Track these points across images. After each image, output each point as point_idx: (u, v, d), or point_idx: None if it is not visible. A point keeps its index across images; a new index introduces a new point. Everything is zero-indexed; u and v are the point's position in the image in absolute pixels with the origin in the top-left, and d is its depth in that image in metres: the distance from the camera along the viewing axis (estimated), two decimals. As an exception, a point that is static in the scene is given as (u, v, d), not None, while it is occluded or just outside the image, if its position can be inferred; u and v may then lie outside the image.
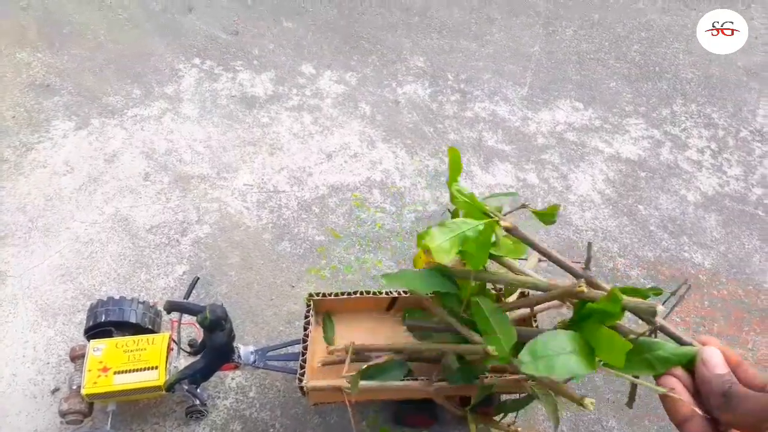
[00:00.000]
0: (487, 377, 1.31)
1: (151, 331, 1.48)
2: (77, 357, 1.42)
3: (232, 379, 1.58)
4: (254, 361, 1.44)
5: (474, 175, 2.15)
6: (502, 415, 1.40)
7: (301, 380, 1.28)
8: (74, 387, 1.37)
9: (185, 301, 1.44)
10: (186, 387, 1.36)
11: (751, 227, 2.10)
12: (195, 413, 1.46)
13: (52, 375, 1.56)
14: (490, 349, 1.28)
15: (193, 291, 1.71)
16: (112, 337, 1.42)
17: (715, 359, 0.81)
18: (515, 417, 1.36)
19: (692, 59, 2.67)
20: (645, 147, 2.32)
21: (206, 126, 2.20)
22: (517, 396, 1.36)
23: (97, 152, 2.09)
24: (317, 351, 1.43)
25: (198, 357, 1.36)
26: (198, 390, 1.44)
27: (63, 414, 1.35)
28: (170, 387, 1.32)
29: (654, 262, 1.95)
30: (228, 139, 2.16)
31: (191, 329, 1.51)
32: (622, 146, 2.31)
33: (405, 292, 1.48)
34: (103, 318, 1.43)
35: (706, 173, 2.26)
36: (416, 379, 1.31)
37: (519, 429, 1.47)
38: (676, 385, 0.82)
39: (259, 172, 2.07)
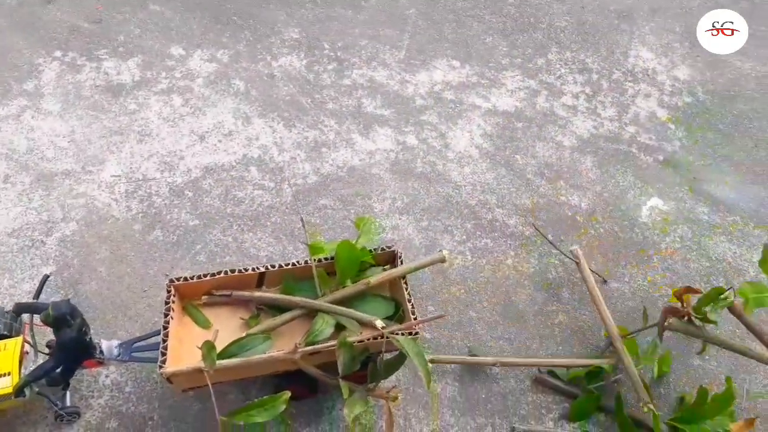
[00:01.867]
0: (351, 340, 1.31)
1: (8, 337, 1.40)
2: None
3: (106, 376, 1.53)
4: (119, 355, 1.39)
5: (354, 143, 2.13)
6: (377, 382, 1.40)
7: (162, 368, 1.25)
8: None
9: (33, 301, 1.37)
10: (37, 389, 1.30)
11: (625, 165, 2.17)
12: (62, 417, 1.40)
13: None
14: (378, 323, 1.29)
15: (60, 291, 1.65)
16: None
17: None
18: (396, 382, 1.36)
19: (566, 7, 2.72)
20: (521, 98, 2.35)
21: (69, 120, 2.09)
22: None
23: (-51, 159, 1.96)
24: (184, 337, 1.39)
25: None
26: (66, 394, 1.38)
27: None
28: (19, 391, 1.26)
29: (531, 209, 1.99)
30: (93, 131, 2.06)
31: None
32: (499, 99, 2.33)
33: (272, 266, 1.45)
34: (-52, 330, 1.34)
35: (582, 117, 2.31)
36: (280, 351, 1.29)
37: (399, 394, 1.47)
38: None
39: (127, 162, 1.98)
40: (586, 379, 1.59)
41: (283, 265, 1.47)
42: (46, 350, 1.37)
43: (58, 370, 1.30)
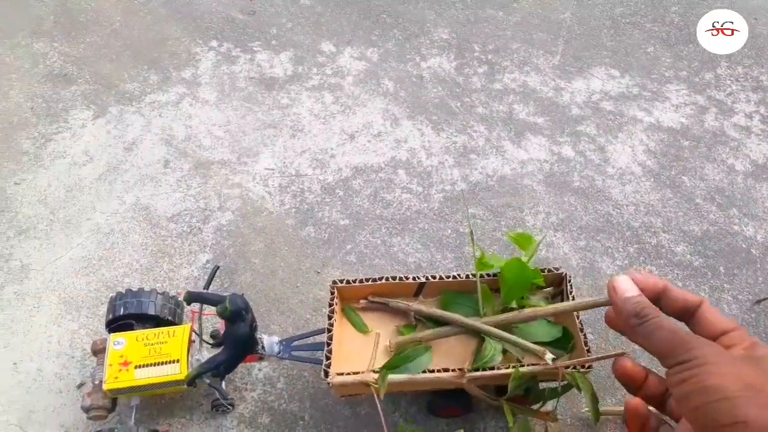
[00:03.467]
0: (523, 365, 1.23)
1: (172, 323, 1.43)
2: (99, 351, 1.38)
3: (259, 370, 1.53)
4: (279, 352, 1.38)
5: (505, 151, 2.04)
6: (540, 403, 1.33)
7: (326, 372, 1.22)
8: (96, 382, 1.33)
9: (205, 291, 1.38)
10: (208, 381, 1.31)
11: (807, 196, 1.95)
12: (220, 407, 1.41)
13: (77, 369, 1.53)
14: (548, 357, 1.22)
15: (216, 280, 1.67)
16: (133, 329, 1.38)
17: (623, 284, 0.79)
18: (556, 404, 1.28)
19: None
20: (688, 114, 2.17)
21: (225, 110, 2.14)
22: (556, 385, 1.28)
23: (116, 141, 2.04)
24: (343, 340, 1.37)
25: (220, 349, 1.31)
26: (222, 383, 1.39)
27: (86, 410, 1.31)
28: (192, 381, 1.27)
29: (701, 237, 1.83)
30: (247, 123, 2.09)
31: (216, 320, 1.46)
32: (663, 114, 2.17)
33: (433, 277, 1.40)
34: (122, 311, 1.38)
35: (756, 140, 2.11)
36: (447, 371, 1.23)
37: (558, 416, 1.39)
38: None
39: (280, 156, 2.00)
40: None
41: (444, 276, 1.41)
42: (211, 341, 1.38)
43: (225, 363, 1.30)
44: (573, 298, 1.34)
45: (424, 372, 1.24)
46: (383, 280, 1.39)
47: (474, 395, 1.31)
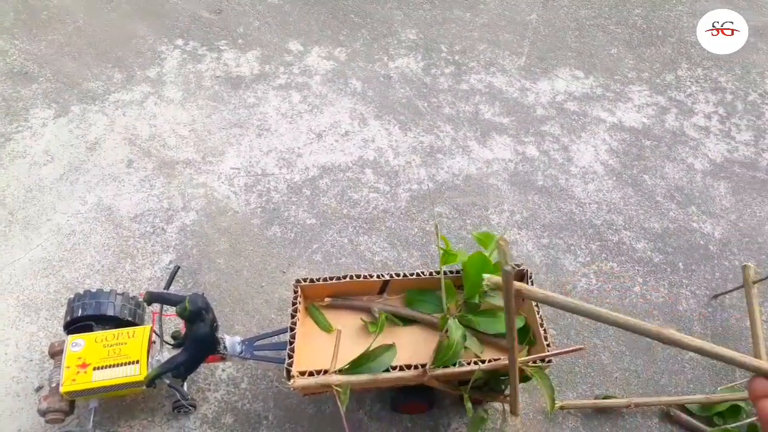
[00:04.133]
0: (483, 362, 1.24)
1: (133, 324, 1.40)
2: (56, 353, 1.36)
3: (223, 370, 1.52)
4: (241, 352, 1.37)
5: (471, 150, 2.06)
6: (500, 390, 1.35)
7: (288, 372, 1.21)
8: (53, 385, 1.31)
9: (165, 291, 1.37)
10: (168, 381, 1.30)
11: (763, 194, 2.00)
12: (182, 408, 1.39)
13: (35, 372, 1.50)
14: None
15: (179, 280, 1.66)
16: (93, 331, 1.35)
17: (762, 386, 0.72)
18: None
19: (697, 21, 2.55)
20: (649, 114, 2.22)
21: (190, 109, 2.12)
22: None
23: (78, 140, 2.01)
24: (306, 338, 1.36)
25: (180, 349, 1.29)
26: (184, 385, 1.38)
27: (43, 413, 1.28)
28: (151, 382, 1.25)
29: (661, 234, 1.87)
30: (213, 122, 2.08)
31: (179, 321, 1.44)
32: (625, 114, 2.21)
33: (397, 275, 1.41)
34: (80, 312, 1.36)
35: (714, 139, 2.16)
36: (409, 368, 1.24)
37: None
38: None
39: (246, 155, 1.98)
40: (723, 417, 1.46)
41: (408, 274, 1.42)
42: (172, 341, 1.36)
43: (185, 364, 1.29)
44: (534, 295, 1.36)
45: (387, 371, 1.25)
46: (347, 279, 1.39)
47: (436, 388, 1.32)
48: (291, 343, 1.26)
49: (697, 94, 2.31)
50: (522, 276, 1.42)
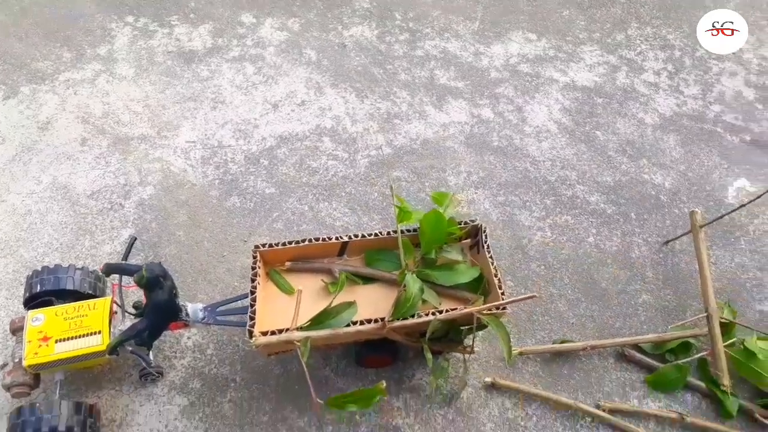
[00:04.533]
0: (441, 312, 1.28)
1: (94, 297, 1.41)
2: (17, 329, 1.35)
3: (188, 338, 1.53)
4: (204, 318, 1.38)
5: (428, 115, 2.08)
6: (459, 341, 1.39)
7: (251, 333, 1.23)
8: (16, 360, 1.30)
9: (123, 262, 1.37)
10: (130, 348, 1.30)
11: (710, 144, 2.07)
12: (148, 376, 1.40)
13: (-2, 351, 1.50)
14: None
15: (140, 254, 1.66)
16: (53, 306, 1.35)
17: None
18: (473, 340, 1.33)
19: (644, -19, 2.61)
20: (601, 73, 2.27)
21: (143, 85, 2.09)
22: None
23: (29, 120, 1.98)
24: (268, 301, 1.38)
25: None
26: (149, 354, 1.39)
27: (7, 388, 1.28)
28: (112, 350, 1.26)
29: (614, 187, 1.92)
30: (167, 97, 2.06)
31: (140, 293, 1.44)
32: (578, 74, 2.25)
33: (355, 236, 1.43)
34: (39, 288, 1.36)
35: (664, 95, 2.22)
36: (369, 322, 1.27)
37: (476, 349, 1.46)
38: None
39: (201, 128, 1.98)
40: (674, 353, 1.54)
41: (366, 235, 1.44)
42: (134, 311, 1.37)
43: (147, 331, 1.30)
44: (488, 249, 1.40)
45: (347, 326, 1.28)
46: (306, 242, 1.41)
47: (397, 341, 1.35)
48: (252, 305, 1.28)
49: (646, 51, 2.36)
50: (477, 231, 1.46)
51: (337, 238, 1.43)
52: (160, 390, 1.44)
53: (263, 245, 1.38)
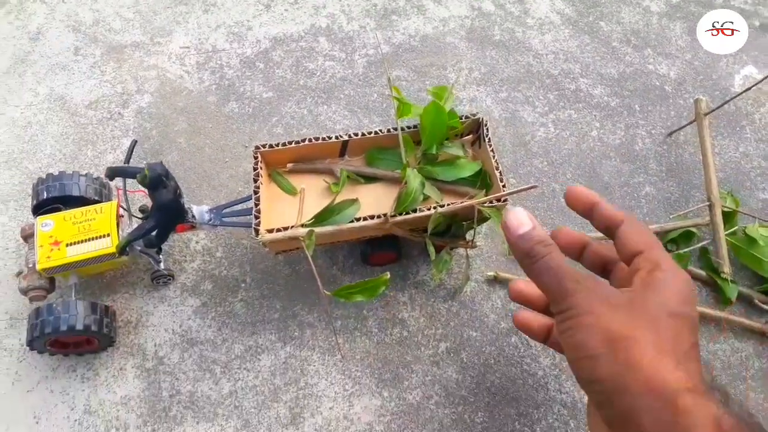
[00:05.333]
0: (443, 206, 1.30)
1: (99, 202, 1.43)
2: (28, 236, 1.38)
3: (197, 242, 1.57)
4: (210, 220, 1.41)
5: (426, 10, 2.01)
6: (461, 236, 1.42)
7: (257, 231, 1.26)
8: (30, 265, 1.35)
9: (125, 165, 1.38)
10: (139, 248, 1.34)
11: (719, 32, 2.00)
12: (160, 278, 1.45)
13: (13, 260, 1.54)
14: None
15: (142, 161, 1.66)
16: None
17: (514, 220, 0.81)
18: (473, 234, 1.36)
19: None
20: (606, -41, 2.16)
21: (132, -11, 2.03)
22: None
23: (20, 31, 1.93)
24: (272, 201, 1.40)
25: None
26: (160, 257, 1.42)
27: (24, 292, 1.33)
28: (122, 250, 1.29)
29: (618, 78, 1.88)
30: (157, 2, 1.99)
31: (146, 200, 1.47)
32: (582, -39, 2.15)
33: (356, 134, 1.43)
34: (45, 195, 1.38)
35: (672, -20, 2.12)
36: (372, 218, 1.29)
37: (478, 244, 1.49)
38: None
39: (194, 33, 1.93)
40: (676, 243, 1.56)
41: (366, 133, 1.44)
42: (140, 215, 1.40)
43: (155, 232, 1.33)
44: (490, 143, 1.40)
45: (351, 222, 1.30)
46: (306, 142, 1.41)
47: (401, 236, 1.38)
48: (256, 205, 1.30)
49: (655, -66, 2.24)
50: (478, 125, 1.45)
51: (337, 137, 1.43)
52: (173, 292, 1.49)
53: (263, 145, 1.39)
